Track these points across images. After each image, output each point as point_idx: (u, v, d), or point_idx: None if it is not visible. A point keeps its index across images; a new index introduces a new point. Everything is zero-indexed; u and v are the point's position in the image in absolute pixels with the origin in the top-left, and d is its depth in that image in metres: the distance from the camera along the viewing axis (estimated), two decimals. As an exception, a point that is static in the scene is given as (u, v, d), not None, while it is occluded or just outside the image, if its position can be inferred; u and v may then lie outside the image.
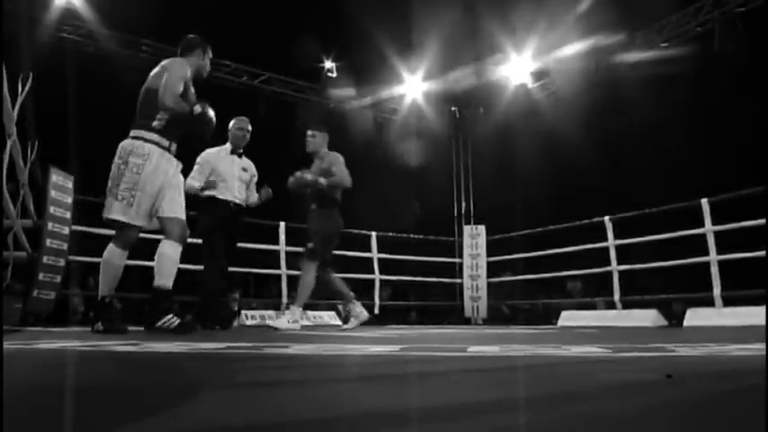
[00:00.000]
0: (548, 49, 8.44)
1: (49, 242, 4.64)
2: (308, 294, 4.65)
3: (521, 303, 9.69)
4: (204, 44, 3.59)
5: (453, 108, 10.31)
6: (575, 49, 8.16)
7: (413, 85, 9.74)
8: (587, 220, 6.96)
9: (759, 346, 1.98)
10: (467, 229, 8.51)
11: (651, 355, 1.77)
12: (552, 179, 10.17)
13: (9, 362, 1.36)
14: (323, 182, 4.56)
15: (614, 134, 9.40)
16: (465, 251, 8.25)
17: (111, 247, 3.34)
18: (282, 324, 4.51)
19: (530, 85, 9.26)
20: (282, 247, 6.71)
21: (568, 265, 7.42)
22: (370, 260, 7.40)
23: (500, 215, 9.76)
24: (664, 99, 8.38)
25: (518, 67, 9.02)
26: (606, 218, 6.61)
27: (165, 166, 3.31)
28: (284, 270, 6.71)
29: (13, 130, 4.09)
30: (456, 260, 8.61)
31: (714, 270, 5.53)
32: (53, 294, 4.77)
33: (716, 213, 5.66)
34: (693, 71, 7.67)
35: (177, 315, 3.37)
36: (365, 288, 7.27)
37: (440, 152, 10.45)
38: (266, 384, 1.19)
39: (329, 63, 9.54)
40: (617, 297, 6.46)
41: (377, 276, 7.41)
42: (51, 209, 4.71)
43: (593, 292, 8.46)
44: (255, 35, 8.92)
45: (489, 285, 8.16)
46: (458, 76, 9.24)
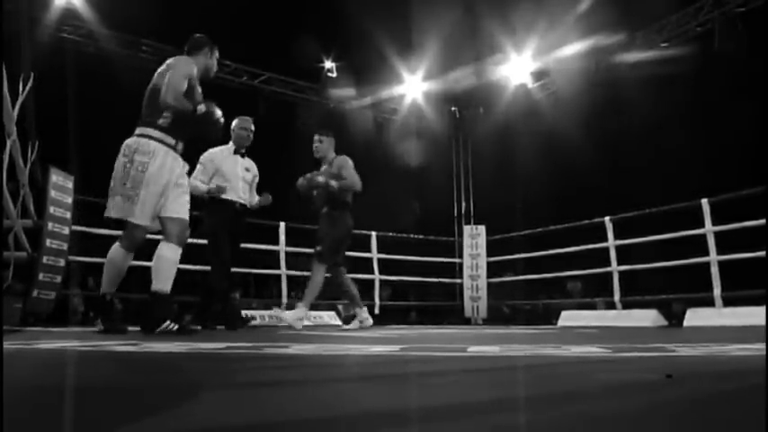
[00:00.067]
0: (548, 49, 8.44)
1: (48, 242, 4.64)
2: (315, 295, 4.68)
3: (521, 303, 9.70)
4: (211, 43, 3.56)
5: (453, 108, 10.31)
6: (575, 49, 8.16)
7: (413, 85, 9.74)
8: (587, 221, 6.96)
9: (759, 346, 1.98)
10: (467, 229, 8.51)
11: (651, 355, 1.77)
12: (552, 179, 10.18)
13: (9, 362, 1.36)
14: (334, 185, 4.56)
15: (614, 134, 9.41)
16: (465, 251, 8.25)
17: (116, 246, 3.30)
18: (289, 316, 4.56)
19: (530, 85, 9.26)
20: (282, 248, 6.70)
21: (569, 266, 7.41)
22: (370, 260, 7.40)
23: (500, 215, 9.76)
24: (664, 99, 8.38)
25: (518, 67, 9.02)
26: (606, 218, 6.61)
27: (171, 164, 3.24)
28: (284, 270, 6.71)
29: (13, 129, 4.09)
30: (456, 260, 8.61)
31: (714, 270, 5.53)
32: (53, 294, 4.77)
33: (716, 213, 5.65)
34: (693, 71, 7.67)
35: (176, 316, 3.36)
36: (365, 288, 7.26)
37: (440, 152, 10.45)
38: (266, 384, 1.19)
39: (329, 63, 9.54)
40: (617, 297, 6.46)
41: (377, 276, 7.41)
42: (51, 209, 4.71)
43: (593, 293, 8.46)
44: (255, 35, 8.93)
45: (489, 285, 8.16)
46: (458, 76, 9.24)
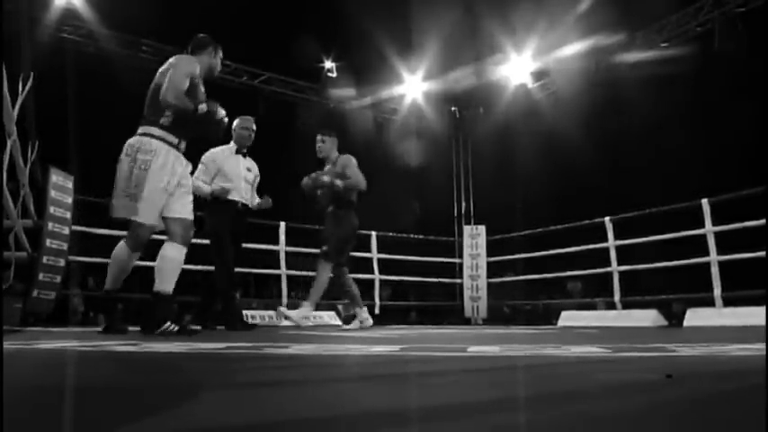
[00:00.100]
0: (548, 49, 8.44)
1: (49, 242, 4.64)
2: (320, 294, 4.68)
3: (521, 303, 9.71)
4: (215, 43, 3.53)
5: (453, 108, 10.31)
6: (575, 49, 8.16)
7: (413, 85, 9.74)
8: (588, 221, 6.96)
9: (759, 345, 1.98)
10: (467, 229, 8.51)
11: (651, 355, 1.77)
12: (552, 179, 10.19)
13: (9, 362, 1.36)
14: (339, 184, 4.56)
15: (614, 134, 9.42)
16: (465, 251, 8.25)
17: (122, 244, 3.28)
18: (294, 315, 4.58)
19: (530, 85, 9.26)
20: (282, 247, 6.70)
21: (569, 266, 7.42)
22: (370, 260, 7.40)
23: (500, 215, 9.77)
24: (664, 99, 8.39)
25: (518, 67, 9.02)
26: (606, 218, 6.61)
27: (174, 163, 3.21)
28: (284, 270, 6.71)
29: (14, 129, 4.09)
30: (456, 260, 8.61)
31: (714, 270, 5.53)
32: (53, 294, 4.76)
33: (716, 214, 5.65)
34: (693, 71, 7.67)
35: (176, 317, 3.35)
36: (365, 288, 7.26)
37: (440, 152, 10.45)
38: (266, 384, 1.19)
39: (329, 63, 9.54)
40: (617, 297, 6.45)
41: (377, 276, 7.41)
42: (51, 209, 4.71)
43: (593, 293, 8.47)
44: (255, 35, 8.93)
45: (489, 285, 8.16)
46: (458, 76, 9.24)
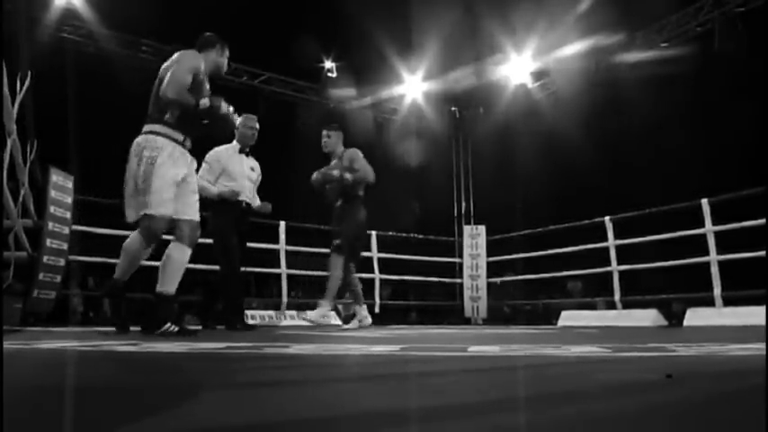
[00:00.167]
0: (548, 49, 8.44)
1: (49, 242, 4.64)
2: (336, 289, 4.64)
3: (521, 303, 9.71)
4: (223, 41, 3.49)
5: (453, 108, 10.31)
6: (575, 49, 8.16)
7: (413, 85, 9.74)
8: (587, 221, 6.96)
9: (759, 345, 1.98)
10: (467, 229, 8.51)
11: (651, 355, 1.77)
12: (552, 179, 10.19)
13: (9, 362, 1.36)
14: (348, 177, 4.56)
15: (614, 134, 9.41)
16: (465, 251, 8.25)
17: (135, 235, 3.21)
18: (314, 316, 4.58)
19: (530, 85, 9.26)
20: (282, 247, 6.71)
21: (569, 266, 7.42)
22: (371, 260, 7.40)
23: (500, 215, 9.77)
24: (664, 99, 8.39)
25: (518, 67, 9.02)
26: (606, 218, 6.61)
27: (181, 161, 3.18)
28: (284, 269, 6.71)
29: (13, 128, 4.09)
30: (456, 260, 8.62)
31: (714, 270, 5.53)
32: (53, 294, 4.77)
33: (716, 213, 5.66)
34: (693, 71, 7.67)
35: (177, 317, 3.35)
36: (366, 287, 7.26)
37: (440, 152, 10.45)
38: (266, 384, 1.19)
39: (329, 63, 9.54)
40: (617, 297, 6.46)
41: (377, 276, 7.41)
42: (51, 209, 4.71)
43: (593, 292, 8.47)
44: (255, 35, 8.92)
45: (489, 285, 8.16)
46: (458, 76, 9.24)
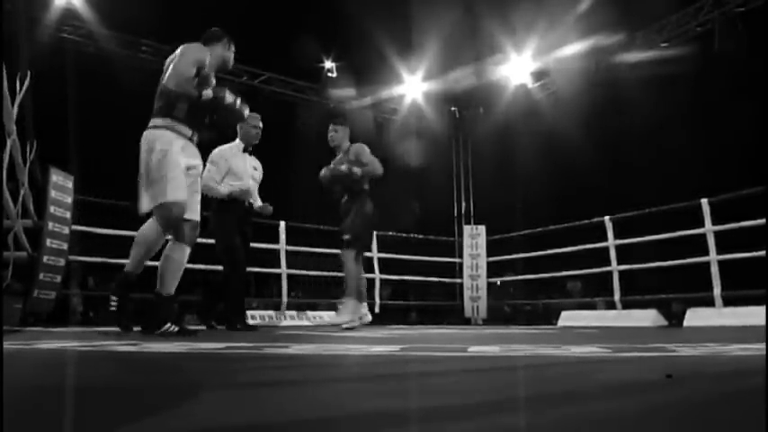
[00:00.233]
0: (548, 49, 8.44)
1: (49, 242, 4.64)
2: (356, 284, 4.58)
3: (521, 303, 9.71)
4: (229, 36, 3.47)
5: (453, 108, 10.31)
6: (575, 49, 8.16)
7: (413, 85, 9.74)
8: (587, 220, 6.96)
9: (759, 345, 1.98)
10: (467, 229, 8.51)
11: (651, 356, 1.77)
12: (552, 179, 10.18)
13: (9, 362, 1.36)
14: (357, 171, 4.56)
15: (614, 134, 9.41)
16: (465, 251, 8.25)
17: (151, 223, 3.12)
18: (343, 319, 4.50)
19: (530, 85, 9.26)
20: (283, 247, 6.71)
21: (568, 265, 7.42)
22: (371, 260, 7.40)
23: (500, 215, 9.77)
24: (664, 99, 8.38)
25: (518, 67, 9.02)
26: (606, 218, 6.61)
27: (191, 154, 3.17)
28: (284, 269, 6.71)
29: (13, 128, 4.08)
30: (456, 260, 8.62)
31: (714, 270, 5.54)
32: (53, 294, 4.76)
33: (716, 213, 5.66)
34: (693, 71, 7.67)
35: (177, 317, 3.34)
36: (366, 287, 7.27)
37: (440, 152, 10.45)
38: (266, 384, 1.19)
39: (329, 63, 9.54)
40: (617, 297, 6.46)
41: (377, 276, 7.41)
42: (51, 209, 4.71)
43: (593, 292, 8.47)
44: (255, 35, 8.91)
45: (489, 285, 8.16)
46: (458, 76, 9.24)
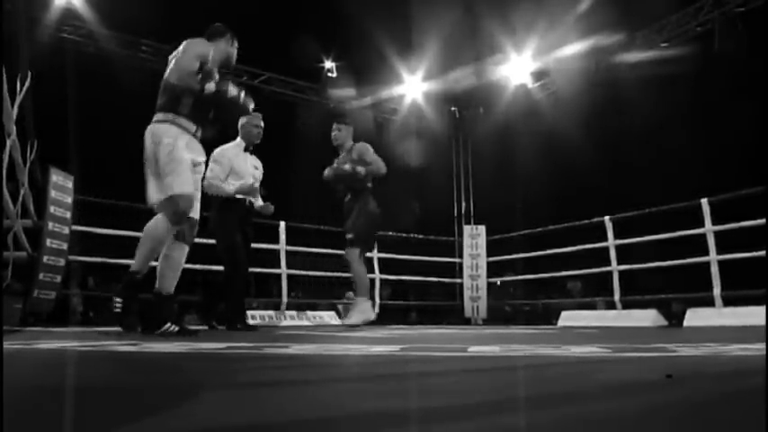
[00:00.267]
0: (548, 49, 8.44)
1: (49, 242, 4.64)
2: (365, 282, 4.58)
3: (521, 303, 9.70)
4: (232, 32, 3.44)
5: (453, 108, 10.31)
6: (575, 49, 8.16)
7: (413, 85, 9.74)
8: (587, 220, 6.96)
9: (759, 346, 1.98)
10: (467, 229, 8.51)
11: (651, 356, 1.77)
12: (552, 179, 10.18)
13: (9, 362, 1.36)
14: (361, 171, 4.56)
15: (614, 134, 9.40)
16: (465, 251, 8.25)
17: (160, 218, 3.03)
18: (357, 320, 4.52)
19: (530, 85, 9.26)
20: (282, 247, 6.71)
21: (568, 265, 7.42)
22: (371, 260, 7.40)
23: (500, 215, 9.76)
24: (664, 99, 8.38)
25: (518, 67, 9.02)
26: (606, 218, 6.61)
27: (195, 149, 3.15)
28: (284, 270, 6.71)
29: (13, 129, 4.08)
30: (456, 260, 8.62)
31: (714, 270, 5.53)
32: (53, 294, 4.77)
33: (716, 213, 5.66)
34: (693, 71, 7.67)
35: (177, 317, 3.33)
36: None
37: (440, 152, 10.45)
38: (266, 384, 1.19)
39: (329, 63, 9.54)
40: (617, 297, 6.46)
41: (377, 276, 7.41)
42: (51, 209, 4.71)
43: (593, 292, 8.46)
44: (255, 35, 8.90)
45: (489, 285, 8.16)
46: (458, 76, 9.24)
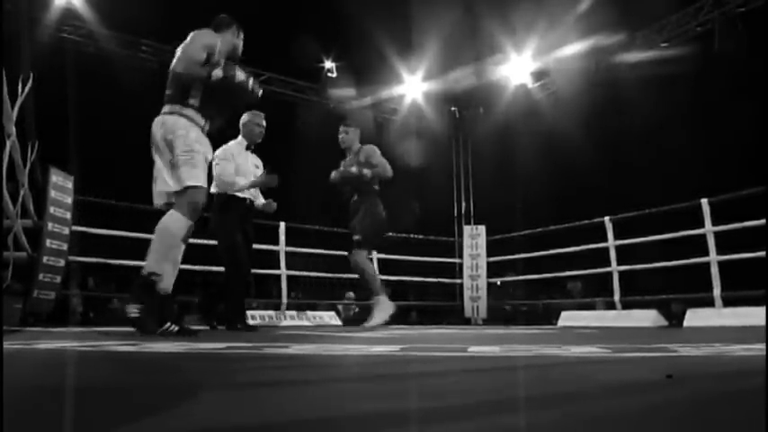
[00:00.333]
0: (548, 49, 8.44)
1: (48, 242, 4.64)
2: (377, 279, 4.67)
3: (521, 303, 9.70)
4: (238, 23, 3.40)
5: (453, 108, 10.31)
6: (575, 49, 8.16)
7: (413, 85, 9.74)
8: (587, 221, 6.96)
9: (759, 346, 1.97)
10: (467, 229, 8.50)
11: (651, 356, 1.77)
12: (552, 179, 10.19)
13: (9, 362, 1.36)
14: (367, 173, 4.58)
15: (614, 134, 9.41)
16: (465, 251, 8.25)
17: (175, 214, 2.87)
18: (380, 319, 4.57)
19: (530, 85, 9.26)
20: (282, 247, 6.71)
21: (569, 266, 7.41)
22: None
23: (500, 215, 9.77)
24: (664, 99, 8.39)
25: (518, 67, 9.02)
26: (606, 218, 6.61)
27: (203, 146, 3.08)
28: (284, 270, 6.71)
29: (13, 130, 4.09)
30: (456, 260, 8.61)
31: (714, 270, 5.53)
32: (53, 295, 4.77)
33: (716, 214, 5.66)
34: (693, 71, 7.67)
35: (177, 317, 3.32)
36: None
37: (440, 152, 10.45)
38: (266, 384, 1.19)
39: (329, 63, 9.54)
40: (617, 297, 6.45)
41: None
42: (51, 209, 4.71)
43: (593, 293, 8.46)
44: (255, 35, 8.90)
45: (489, 285, 8.16)
46: (458, 76, 9.24)
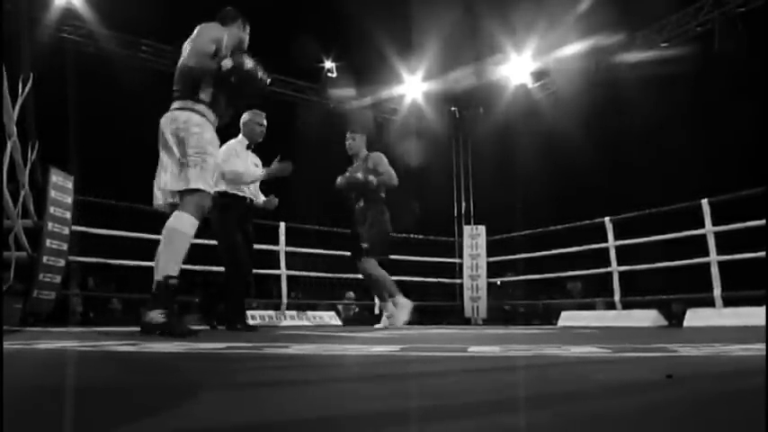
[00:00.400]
0: (548, 49, 8.44)
1: (49, 242, 4.64)
2: (391, 283, 4.66)
3: (521, 304, 9.70)
4: (244, 17, 3.37)
5: (453, 108, 10.31)
6: (575, 49, 8.16)
7: (413, 85, 9.75)
8: (587, 221, 6.96)
9: (759, 346, 1.97)
10: (467, 229, 8.51)
11: (651, 356, 1.77)
12: (552, 179, 10.19)
13: (9, 362, 1.36)
14: (373, 180, 4.61)
15: (614, 134, 9.41)
16: (465, 251, 8.25)
17: (185, 215, 2.75)
18: (401, 318, 4.59)
19: (530, 85, 9.26)
20: (282, 248, 6.71)
21: (569, 266, 7.41)
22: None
23: (500, 215, 9.77)
24: (664, 99, 8.39)
25: (518, 67, 9.02)
26: (606, 218, 6.61)
27: (216, 148, 3.05)
28: (284, 270, 6.71)
29: (14, 130, 4.09)
30: (456, 260, 8.61)
31: (714, 270, 5.53)
32: (53, 295, 4.77)
33: (716, 214, 5.66)
34: (693, 71, 7.67)
35: (177, 317, 3.32)
36: (365, 288, 7.25)
37: (440, 152, 10.46)
38: (266, 384, 1.19)
39: (329, 63, 9.54)
40: (617, 297, 6.45)
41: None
42: (51, 209, 4.71)
43: (593, 293, 8.46)
44: (255, 35, 8.91)
45: (489, 286, 8.16)
46: (458, 76, 9.24)
